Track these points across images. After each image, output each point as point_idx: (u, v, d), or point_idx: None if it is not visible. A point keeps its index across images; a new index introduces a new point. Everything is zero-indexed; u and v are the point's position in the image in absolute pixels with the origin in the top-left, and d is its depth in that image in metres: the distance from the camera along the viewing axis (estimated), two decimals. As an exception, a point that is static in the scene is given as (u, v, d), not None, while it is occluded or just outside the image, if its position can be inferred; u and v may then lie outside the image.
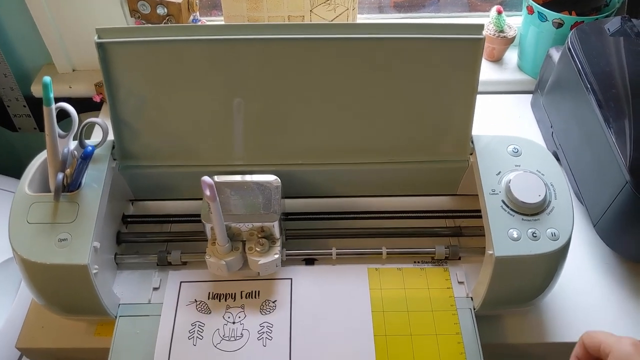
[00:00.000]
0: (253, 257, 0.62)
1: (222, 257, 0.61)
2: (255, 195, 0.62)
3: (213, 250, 0.62)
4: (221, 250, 0.61)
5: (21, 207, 0.60)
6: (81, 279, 0.57)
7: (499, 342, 0.66)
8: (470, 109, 0.64)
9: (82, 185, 0.61)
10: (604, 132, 0.68)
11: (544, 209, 0.60)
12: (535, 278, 0.60)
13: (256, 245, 0.62)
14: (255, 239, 0.62)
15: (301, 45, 0.59)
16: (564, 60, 0.80)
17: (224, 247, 0.61)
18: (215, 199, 0.54)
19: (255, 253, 0.62)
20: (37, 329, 0.66)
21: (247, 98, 0.62)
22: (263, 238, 0.62)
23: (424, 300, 0.64)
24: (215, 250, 0.62)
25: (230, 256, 0.61)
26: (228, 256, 0.61)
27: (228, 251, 0.62)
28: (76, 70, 1.05)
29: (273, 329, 0.61)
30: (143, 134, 0.65)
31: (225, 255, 0.61)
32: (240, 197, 0.62)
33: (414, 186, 0.71)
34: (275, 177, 0.64)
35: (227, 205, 0.61)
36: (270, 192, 0.63)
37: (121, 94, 0.62)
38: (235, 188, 0.63)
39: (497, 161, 0.64)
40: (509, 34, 0.98)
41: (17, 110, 1.11)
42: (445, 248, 0.67)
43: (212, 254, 0.62)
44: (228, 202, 0.62)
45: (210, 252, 0.62)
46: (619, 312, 0.69)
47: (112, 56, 0.60)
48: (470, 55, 0.60)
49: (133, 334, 0.62)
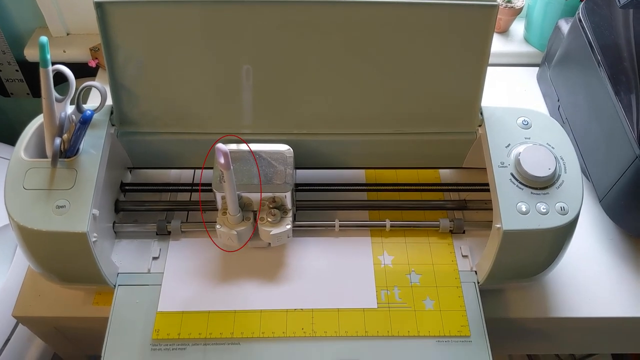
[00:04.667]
0: (265, 227, 0.61)
1: (233, 226, 0.60)
2: (267, 165, 0.61)
3: (224, 220, 0.61)
4: (232, 220, 0.60)
5: (17, 173, 0.58)
6: (80, 246, 0.55)
7: (501, 316, 0.65)
8: (480, 80, 0.62)
9: (80, 151, 0.59)
10: (613, 106, 0.66)
11: (554, 182, 0.59)
12: (542, 252, 0.60)
13: (268, 216, 0.61)
14: (267, 209, 0.61)
15: (310, 10, 0.57)
16: (573, 32, 0.78)
17: (236, 216, 0.60)
18: (229, 167, 0.53)
19: (267, 223, 0.61)
20: (34, 297, 0.65)
21: (251, 64, 0.60)
22: (274, 208, 0.61)
23: (428, 274, 0.63)
24: (226, 220, 0.61)
25: (241, 226, 0.60)
26: (239, 226, 0.60)
27: (239, 221, 0.61)
28: (71, 34, 1.02)
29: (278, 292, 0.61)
30: (143, 99, 0.63)
31: (236, 225, 0.60)
32: (253, 167, 0.61)
33: (421, 158, 0.69)
34: (288, 147, 0.62)
35: (239, 174, 0.60)
36: (283, 162, 0.61)
37: (120, 57, 0.60)
38: (247, 157, 0.61)
39: (506, 133, 0.63)
40: (517, 4, 0.96)
41: (9, 74, 1.08)
42: (449, 221, 0.67)
43: (222, 224, 0.61)
44: (240, 171, 0.60)
45: (221, 221, 0.61)
46: (622, 288, 0.69)
47: (111, 17, 0.57)
48: (482, 22, 0.58)
49: (132, 303, 0.61)
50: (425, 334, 0.59)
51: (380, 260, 0.64)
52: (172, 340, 0.58)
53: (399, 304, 0.61)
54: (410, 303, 0.61)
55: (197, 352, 0.57)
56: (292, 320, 0.59)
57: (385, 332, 0.59)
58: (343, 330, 0.59)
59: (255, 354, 0.58)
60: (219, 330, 0.59)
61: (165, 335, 0.58)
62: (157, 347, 0.58)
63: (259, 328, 0.59)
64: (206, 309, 0.60)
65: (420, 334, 0.59)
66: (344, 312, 0.60)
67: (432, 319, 0.60)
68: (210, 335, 0.58)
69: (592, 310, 0.67)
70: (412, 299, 0.62)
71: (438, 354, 0.58)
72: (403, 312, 0.60)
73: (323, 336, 0.59)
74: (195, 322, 0.59)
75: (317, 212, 0.69)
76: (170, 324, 0.59)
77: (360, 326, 0.59)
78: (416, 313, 0.60)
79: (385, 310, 0.60)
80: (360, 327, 0.59)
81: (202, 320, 0.59)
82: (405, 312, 0.60)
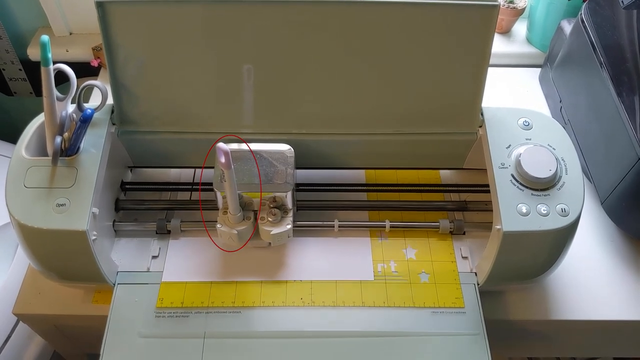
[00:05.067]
0: (265, 227, 0.61)
1: (234, 226, 0.60)
2: (268, 165, 0.61)
3: (224, 219, 0.61)
4: (233, 220, 0.60)
5: (18, 171, 0.58)
6: (80, 245, 0.55)
7: (502, 318, 0.65)
8: (481, 80, 0.62)
9: (81, 149, 0.59)
10: (616, 108, 0.66)
11: (555, 184, 0.59)
12: (543, 254, 0.59)
13: (268, 215, 0.61)
14: (268, 209, 0.61)
15: (311, 10, 0.57)
16: (576, 33, 0.78)
17: (236, 216, 0.60)
18: (230, 167, 0.53)
19: (268, 223, 0.61)
20: (34, 295, 0.66)
21: (252, 63, 0.60)
22: (275, 208, 0.61)
23: (424, 249, 0.65)
24: (226, 219, 0.61)
25: (241, 225, 0.60)
26: (239, 225, 0.60)
27: (240, 220, 0.61)
28: (73, 34, 1.02)
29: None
30: (143, 99, 0.63)
31: (237, 224, 0.60)
32: (253, 166, 0.61)
33: (422, 159, 0.69)
34: (288, 146, 0.62)
35: (239, 174, 0.60)
36: (284, 161, 0.61)
37: (121, 57, 0.60)
38: (249, 156, 0.61)
39: (507, 134, 0.62)
40: (519, 4, 0.96)
41: (12, 73, 1.09)
42: (450, 222, 0.66)
43: (223, 223, 0.61)
44: (241, 171, 0.60)
45: (222, 220, 0.61)
46: (624, 291, 0.68)
47: (112, 16, 0.57)
48: (483, 23, 0.58)
49: (131, 301, 0.61)
50: (421, 305, 0.61)
51: (378, 236, 0.67)
52: (176, 309, 0.60)
53: (395, 277, 0.63)
54: (406, 276, 0.63)
55: (199, 318, 0.60)
56: (291, 290, 0.62)
57: (382, 303, 0.61)
58: (340, 300, 0.61)
59: (255, 321, 0.60)
60: (221, 299, 0.61)
61: (168, 304, 0.60)
62: (161, 315, 0.60)
63: (259, 298, 0.61)
64: (209, 279, 0.62)
65: (415, 305, 0.61)
66: (342, 283, 0.62)
67: (427, 291, 0.62)
68: (212, 304, 0.61)
69: (593, 313, 0.66)
70: (407, 272, 0.63)
71: (432, 324, 0.60)
72: (399, 284, 0.62)
73: (321, 305, 0.61)
74: (198, 292, 0.61)
75: (317, 212, 0.69)
76: (173, 294, 0.61)
77: (357, 297, 0.61)
78: (412, 285, 0.62)
79: (382, 283, 0.62)
80: (357, 297, 0.61)
81: (205, 290, 0.62)
82: (401, 284, 0.62)
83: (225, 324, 0.59)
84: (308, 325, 0.59)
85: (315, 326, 0.59)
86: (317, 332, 0.59)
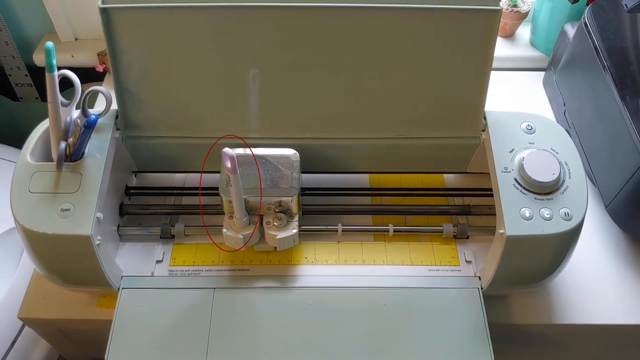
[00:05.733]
0: (271, 231, 0.61)
1: (240, 230, 0.60)
2: (274, 169, 0.61)
3: (230, 224, 0.61)
4: (239, 224, 0.60)
5: (23, 176, 0.58)
6: (84, 249, 0.56)
7: (505, 322, 0.65)
8: (483, 84, 0.62)
9: (85, 155, 0.60)
10: (619, 111, 0.66)
11: (558, 188, 0.59)
12: (546, 258, 0.59)
13: (274, 220, 0.61)
14: (273, 214, 0.61)
15: (313, 15, 0.57)
16: (579, 36, 0.78)
17: (242, 220, 0.60)
18: (235, 172, 0.53)
19: (273, 227, 0.61)
20: (39, 300, 0.66)
21: (256, 68, 0.61)
22: (280, 212, 0.61)
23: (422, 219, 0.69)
24: (232, 224, 0.61)
25: (247, 230, 0.61)
26: (245, 230, 0.60)
27: (246, 225, 0.61)
28: (79, 39, 1.03)
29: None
30: (147, 104, 0.63)
31: (243, 229, 0.61)
32: (259, 171, 0.61)
33: (425, 163, 0.69)
34: (294, 151, 0.63)
35: (245, 179, 0.60)
36: (289, 166, 0.61)
37: (125, 62, 0.61)
38: (253, 161, 0.62)
39: (510, 138, 0.62)
40: (523, 8, 0.96)
41: (18, 79, 1.09)
42: (453, 226, 0.66)
43: (229, 228, 0.61)
44: (246, 175, 0.61)
45: (228, 225, 0.61)
46: (629, 295, 0.68)
47: (116, 22, 0.58)
48: (486, 27, 0.58)
49: (136, 306, 0.61)
50: (418, 263, 0.65)
51: (382, 240, 0.68)
52: (188, 267, 0.64)
53: (394, 239, 0.68)
54: (404, 239, 0.68)
55: (210, 276, 0.63)
56: (296, 251, 0.66)
57: (381, 262, 0.65)
58: (342, 259, 0.66)
59: (264, 277, 0.63)
60: (230, 259, 0.65)
61: (181, 262, 0.64)
62: (174, 272, 0.64)
63: (267, 257, 0.65)
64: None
65: (413, 263, 0.65)
66: (344, 244, 0.67)
67: (424, 251, 0.66)
68: (222, 262, 0.65)
69: (598, 317, 0.66)
70: (406, 235, 0.68)
71: (429, 280, 0.63)
72: (398, 245, 0.67)
73: (324, 264, 0.65)
74: (208, 253, 0.66)
75: (321, 217, 0.69)
76: (185, 254, 0.65)
77: (358, 255, 0.66)
78: (410, 245, 0.67)
79: (382, 243, 0.67)
80: (358, 256, 0.66)
81: (215, 251, 0.66)
82: (399, 245, 0.67)
83: (235, 281, 0.63)
84: (311, 281, 0.63)
85: (319, 281, 0.63)
86: (319, 286, 0.63)
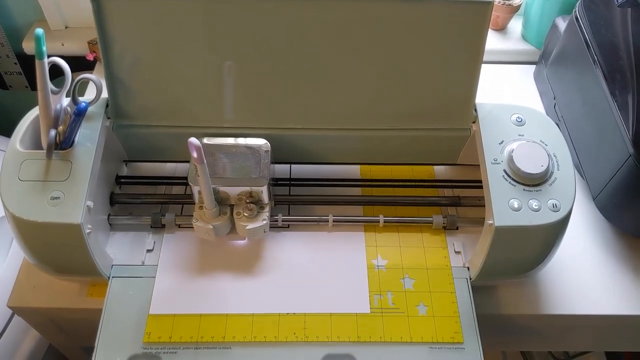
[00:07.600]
0: (241, 222, 0.61)
1: (210, 221, 0.60)
2: (244, 159, 0.61)
3: (200, 215, 0.61)
4: (208, 215, 0.60)
5: (12, 164, 0.58)
6: (74, 238, 0.56)
7: (493, 312, 0.66)
8: (474, 77, 0.62)
9: (75, 143, 0.60)
10: (608, 105, 0.66)
11: (546, 179, 0.59)
12: (534, 249, 0.60)
13: (244, 210, 0.61)
14: (244, 204, 0.61)
15: (303, 6, 0.57)
16: (570, 30, 0.78)
17: (212, 211, 0.59)
18: (202, 162, 0.53)
19: (243, 218, 0.61)
20: (29, 288, 0.66)
21: (242, 59, 0.61)
22: (251, 203, 0.61)
23: (422, 279, 0.63)
24: (202, 215, 0.60)
25: (217, 220, 0.60)
26: (215, 220, 0.60)
27: (216, 215, 0.60)
28: (69, 27, 1.02)
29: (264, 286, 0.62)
30: (137, 93, 0.63)
31: (213, 219, 0.60)
32: (229, 161, 0.61)
33: (415, 155, 0.70)
34: (265, 141, 0.62)
35: (215, 168, 0.60)
36: (259, 156, 0.61)
37: (115, 51, 0.60)
38: (224, 151, 0.61)
39: (500, 130, 0.63)
40: (515, 1, 0.96)
41: (7, 67, 1.08)
42: (443, 218, 0.67)
43: (199, 218, 0.60)
44: (216, 165, 0.60)
45: (198, 216, 0.61)
46: (615, 286, 0.69)
47: (106, 10, 0.57)
48: (477, 20, 0.58)
49: (126, 295, 0.61)
50: (418, 340, 0.58)
51: (374, 264, 0.64)
52: (164, 344, 0.58)
53: (392, 309, 0.60)
54: (403, 308, 0.61)
55: (188, 355, 0.57)
56: (284, 324, 0.59)
57: (378, 338, 0.58)
58: (335, 335, 0.58)
59: (247, 359, 0.57)
60: (211, 334, 0.58)
61: (156, 339, 0.58)
62: (149, 350, 0.57)
63: (250, 332, 0.58)
64: (198, 312, 0.60)
65: (413, 340, 0.58)
66: (337, 316, 0.60)
67: (425, 325, 0.59)
68: (201, 339, 0.58)
69: (585, 308, 0.67)
70: (405, 304, 0.61)
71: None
72: (396, 318, 0.60)
73: (315, 341, 0.58)
74: (186, 326, 0.59)
75: (312, 207, 0.69)
76: (161, 327, 0.58)
77: (353, 331, 0.59)
78: (409, 318, 0.60)
79: (378, 316, 0.60)
80: (352, 332, 0.59)
81: (194, 323, 0.59)
82: (398, 318, 0.60)
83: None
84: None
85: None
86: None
